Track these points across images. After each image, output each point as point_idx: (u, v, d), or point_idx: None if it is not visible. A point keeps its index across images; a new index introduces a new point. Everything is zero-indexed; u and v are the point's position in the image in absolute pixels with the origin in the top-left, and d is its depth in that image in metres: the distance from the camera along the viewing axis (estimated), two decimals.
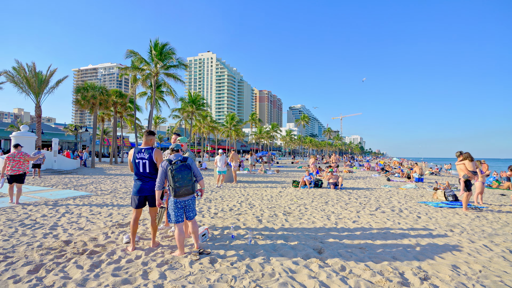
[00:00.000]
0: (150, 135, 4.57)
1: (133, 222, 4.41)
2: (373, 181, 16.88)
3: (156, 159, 4.40)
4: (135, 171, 4.41)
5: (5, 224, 5.83)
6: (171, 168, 3.94)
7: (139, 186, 4.34)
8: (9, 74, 22.73)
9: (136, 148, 4.47)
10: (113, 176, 17.33)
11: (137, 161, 4.37)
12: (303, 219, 6.71)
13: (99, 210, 7.45)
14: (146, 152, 4.40)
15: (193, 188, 4.05)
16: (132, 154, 4.42)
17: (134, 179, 4.42)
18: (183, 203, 4.12)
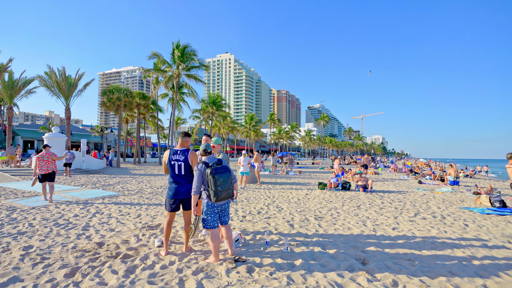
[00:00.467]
0: (186, 136, 4.42)
1: (166, 226, 4.28)
2: (403, 183, 16.16)
3: (191, 161, 4.25)
4: (170, 173, 4.28)
5: (40, 224, 5.90)
6: (211, 171, 3.76)
7: (175, 189, 4.21)
8: (42, 78, 23.71)
9: (171, 149, 4.34)
10: (137, 176, 17.60)
11: (172, 162, 4.23)
12: (337, 224, 6.39)
13: (127, 210, 7.45)
14: (182, 154, 4.25)
15: (232, 192, 3.88)
16: (167, 155, 4.29)
17: (169, 182, 4.29)
18: (220, 208, 3.95)
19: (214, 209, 3.90)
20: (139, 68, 36.91)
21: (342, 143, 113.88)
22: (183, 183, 4.22)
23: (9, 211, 7.10)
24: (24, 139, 40.74)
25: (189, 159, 4.24)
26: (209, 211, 3.90)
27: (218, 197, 3.75)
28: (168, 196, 4.27)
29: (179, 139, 4.42)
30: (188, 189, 4.22)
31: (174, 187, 4.21)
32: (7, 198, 8.94)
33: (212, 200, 3.79)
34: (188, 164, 4.24)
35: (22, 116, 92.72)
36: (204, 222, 3.95)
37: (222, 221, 4.05)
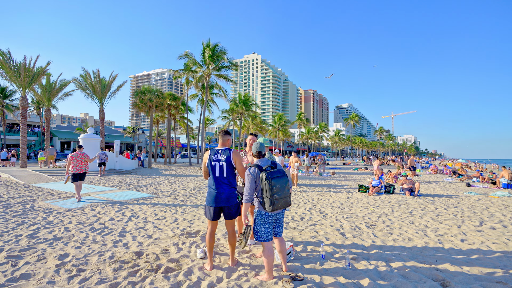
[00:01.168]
0: (226, 135, 3.90)
1: (209, 237, 3.78)
2: (450, 186, 14.81)
3: (234, 162, 3.73)
4: (211, 176, 3.77)
5: (76, 228, 5.66)
6: (266, 176, 3.21)
7: (215, 195, 3.69)
8: (78, 81, 24.54)
9: (212, 149, 3.84)
10: (169, 177, 17.55)
11: (213, 164, 3.72)
12: (394, 234, 5.62)
13: (163, 214, 7.11)
14: (223, 153, 3.74)
15: (290, 200, 3.30)
16: (208, 156, 3.79)
17: (209, 186, 3.79)
18: (274, 217, 3.39)
19: (268, 219, 3.35)
20: (169, 70, 37.51)
21: (372, 143, 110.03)
22: (224, 187, 3.70)
23: (45, 213, 6.99)
24: (61, 140, 42.79)
25: (232, 159, 3.72)
26: (262, 221, 3.35)
27: (274, 205, 3.19)
28: (208, 202, 3.76)
29: (219, 138, 3.91)
30: (230, 195, 3.71)
31: (214, 193, 3.70)
32: (44, 199, 8.97)
33: (267, 209, 3.23)
34: (230, 165, 3.72)
35: (59, 118, 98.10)
36: (256, 234, 3.41)
37: (276, 232, 3.50)
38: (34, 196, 9.45)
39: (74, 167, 8.65)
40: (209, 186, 3.79)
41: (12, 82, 20.74)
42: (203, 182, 14.93)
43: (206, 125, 51.48)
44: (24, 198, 9.01)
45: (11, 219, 6.36)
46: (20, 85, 20.83)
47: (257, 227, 3.39)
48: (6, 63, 20.04)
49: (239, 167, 3.75)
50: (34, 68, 21.37)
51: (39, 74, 21.60)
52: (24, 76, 20.51)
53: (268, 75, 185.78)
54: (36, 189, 11.13)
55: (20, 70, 20.41)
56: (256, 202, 3.42)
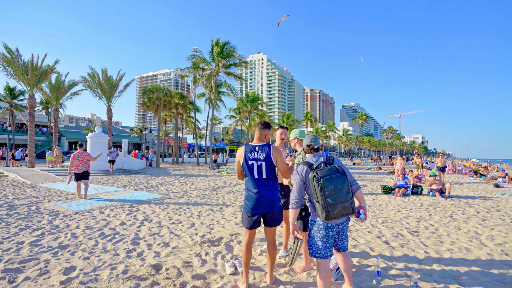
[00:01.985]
0: (265, 128, 3.22)
1: (246, 248, 3.13)
2: (476, 187, 13.93)
3: (275, 159, 3.08)
4: (248, 177, 3.13)
5: (84, 234, 5.05)
6: (316, 175, 2.54)
7: (255, 200, 3.04)
8: (85, 80, 24.15)
9: (246, 145, 3.19)
10: (179, 177, 16.98)
11: (250, 163, 3.08)
12: (446, 243, 4.88)
13: (178, 218, 6.48)
14: (262, 150, 3.09)
15: (352, 205, 2.58)
16: (243, 154, 3.13)
17: (247, 188, 3.14)
18: (336, 228, 2.70)
19: (328, 231, 2.66)
20: (177, 69, 36.84)
21: (380, 142, 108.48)
22: (266, 190, 3.06)
23: (51, 216, 6.41)
24: (69, 140, 42.65)
25: (272, 156, 3.07)
26: (319, 233, 2.67)
27: (328, 213, 2.49)
28: (246, 208, 3.11)
29: (256, 131, 3.25)
30: (273, 199, 3.06)
31: (253, 197, 3.05)
32: (50, 200, 8.42)
33: (321, 217, 2.55)
34: (271, 163, 3.08)
35: (67, 119, 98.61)
36: (311, 248, 2.73)
37: (339, 246, 2.79)
38: (40, 197, 8.91)
39: (76, 167, 8.58)
40: (247, 189, 3.14)
41: (20, 80, 20.41)
42: (215, 182, 14.31)
43: (213, 124, 51.03)
44: (29, 199, 8.47)
45: (14, 222, 5.79)
46: (28, 84, 20.49)
47: (312, 240, 2.71)
48: (14, 61, 19.71)
49: (282, 167, 3.11)
50: (42, 66, 21.02)
51: (47, 72, 21.24)
52: (32, 75, 20.16)
53: (273, 75, 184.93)
54: (43, 190, 10.62)
55: (28, 69, 20.06)
56: (310, 207, 2.76)
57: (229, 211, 7.19)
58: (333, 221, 2.62)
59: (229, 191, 11.18)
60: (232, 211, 7.18)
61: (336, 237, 2.73)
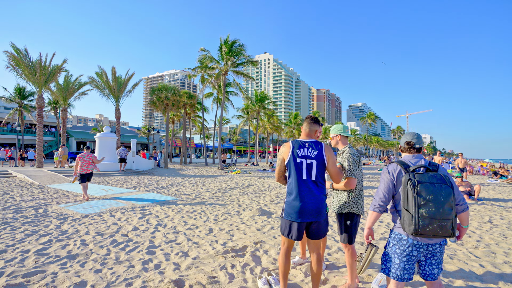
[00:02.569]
0: (315, 123, 2.77)
1: (283, 258, 2.71)
2: (501, 189, 13.24)
3: (327, 159, 2.61)
4: (293, 179, 2.64)
5: (95, 241, 4.62)
6: (411, 178, 2.01)
7: (299, 206, 2.56)
8: (93, 79, 23.91)
9: (294, 141, 2.72)
10: (188, 178, 16.59)
11: (298, 160, 2.60)
12: (498, 253, 4.32)
13: (194, 222, 6.03)
14: (313, 147, 2.63)
15: (453, 227, 1.96)
16: (289, 150, 2.66)
17: (290, 192, 2.66)
18: (424, 249, 2.13)
19: (411, 250, 2.12)
20: (185, 68, 36.56)
21: (388, 142, 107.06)
22: (313, 195, 2.58)
23: (59, 220, 6.01)
24: (77, 140, 42.70)
25: (325, 155, 2.60)
26: (398, 248, 2.16)
27: (418, 227, 1.95)
28: (287, 215, 2.64)
29: (305, 126, 2.77)
30: (320, 207, 2.59)
31: (297, 204, 2.57)
32: (59, 202, 8.04)
33: (407, 230, 2.03)
34: (322, 163, 2.61)
35: (75, 119, 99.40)
36: (385, 263, 2.24)
37: (426, 272, 2.19)
38: (48, 199, 8.56)
39: (81, 167, 8.60)
40: (289, 193, 2.67)
41: (28, 80, 20.22)
42: (226, 183, 13.86)
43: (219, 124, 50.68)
44: (37, 201, 8.11)
45: (20, 227, 5.39)
46: (36, 83, 20.30)
47: (388, 255, 2.22)
48: (22, 60, 19.53)
49: (334, 168, 2.65)
50: (50, 65, 20.82)
51: (55, 72, 21.03)
52: (40, 74, 19.95)
53: (280, 75, 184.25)
54: (51, 191, 10.29)
55: (36, 68, 19.88)
56: (394, 216, 2.26)
57: (247, 215, 6.71)
58: (423, 239, 2.09)
59: (243, 192, 10.72)
60: (250, 215, 6.70)
61: (422, 259, 2.19)
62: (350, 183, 2.99)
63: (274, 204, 8.25)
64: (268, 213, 6.90)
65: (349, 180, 2.99)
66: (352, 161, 3.04)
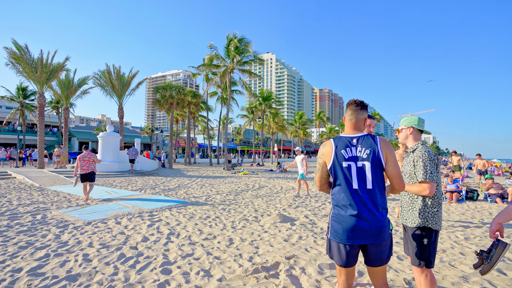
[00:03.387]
0: (363, 109, 2.11)
1: None
2: None
3: (385, 158, 1.96)
4: (340, 188, 2.00)
5: (99, 255, 3.94)
6: None
7: (352, 223, 1.92)
8: (96, 77, 23.30)
9: (337, 138, 2.07)
10: (195, 178, 15.93)
11: (345, 164, 1.96)
12: None
13: (210, 231, 5.34)
14: (363, 144, 1.99)
15: None
16: (332, 151, 2.02)
17: (337, 204, 2.02)
18: None
19: None
20: (189, 67, 36.21)
21: (392, 142, 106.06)
22: (369, 209, 1.92)
23: (59, 228, 5.35)
24: (79, 140, 42.18)
25: (382, 153, 1.95)
26: None
27: None
28: (334, 235, 1.99)
29: (349, 114, 2.11)
30: (381, 225, 1.92)
31: (350, 220, 1.93)
32: (59, 207, 7.38)
33: None
34: (379, 164, 1.95)
35: (78, 120, 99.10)
36: None
37: None
38: (48, 203, 7.91)
39: (81, 167, 8.48)
40: (336, 206, 2.02)
41: (29, 78, 19.62)
42: (235, 185, 13.18)
43: (224, 124, 50.08)
44: (35, 206, 7.46)
45: (14, 238, 4.74)
46: (37, 82, 19.69)
47: None
48: (23, 58, 18.94)
49: (395, 170, 1.98)
50: (52, 63, 20.22)
51: (57, 70, 20.42)
52: (41, 72, 19.35)
53: (282, 74, 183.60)
54: (51, 193, 9.65)
55: (37, 66, 19.28)
56: None
57: (267, 222, 6.03)
58: None
59: (256, 195, 10.04)
60: (271, 222, 6.01)
61: None
62: (427, 188, 2.32)
63: (293, 209, 7.56)
64: (291, 220, 6.22)
65: (426, 185, 2.32)
66: (429, 161, 2.37)
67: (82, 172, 8.44)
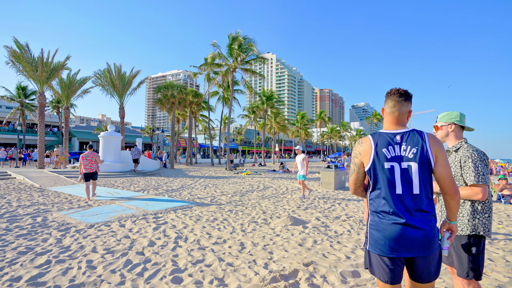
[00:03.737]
0: (407, 100, 1.80)
1: None
2: None
3: (435, 157, 1.69)
4: (381, 192, 1.73)
5: (104, 262, 3.68)
6: None
7: (396, 233, 1.65)
8: (97, 76, 23.03)
9: (377, 134, 1.80)
10: (197, 179, 15.67)
11: (388, 165, 1.70)
12: None
13: (219, 234, 5.08)
14: (409, 142, 1.72)
15: None
16: (371, 149, 1.76)
17: (376, 210, 1.75)
18: None
19: None
20: (191, 66, 35.76)
21: None
22: (417, 217, 1.66)
23: (60, 232, 5.08)
24: (80, 140, 41.92)
25: (431, 151, 1.69)
26: None
27: None
28: (374, 246, 1.72)
29: (391, 107, 1.81)
30: (430, 235, 1.65)
31: (393, 229, 1.66)
32: (60, 209, 7.12)
33: None
34: (428, 165, 1.69)
35: (78, 120, 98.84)
36: None
37: None
38: (49, 204, 7.65)
39: (84, 166, 8.52)
40: (375, 212, 1.75)
41: (29, 77, 19.36)
42: (239, 185, 12.92)
43: (224, 124, 49.80)
44: (36, 207, 7.20)
45: (13, 242, 4.48)
46: (38, 81, 19.43)
47: None
48: (23, 56, 18.68)
49: (446, 171, 1.70)
50: (52, 62, 19.96)
51: (57, 68, 20.16)
52: (41, 71, 19.09)
53: (283, 74, 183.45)
54: (52, 194, 9.39)
55: (38, 64, 19.02)
56: None
57: (278, 225, 5.77)
58: None
59: (262, 196, 9.78)
60: (282, 225, 5.76)
61: None
62: (479, 192, 2.06)
63: (303, 211, 7.30)
64: (302, 222, 5.96)
65: (479, 189, 2.06)
66: (480, 161, 2.11)
67: (85, 171, 8.50)
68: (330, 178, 11.57)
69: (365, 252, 1.81)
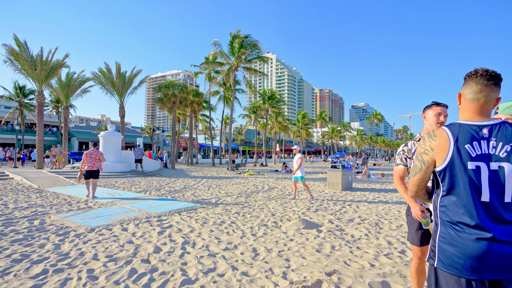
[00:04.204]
0: (496, 85, 1.41)
1: None
2: None
3: None
4: (460, 198, 1.36)
5: (107, 272, 3.34)
6: None
7: (482, 248, 1.29)
8: (96, 75, 22.69)
9: (455, 125, 1.44)
10: (199, 179, 15.34)
11: (472, 165, 1.33)
12: None
13: (229, 239, 4.75)
14: (500, 137, 1.35)
15: None
16: (448, 146, 1.39)
17: (449, 220, 1.39)
18: None
19: None
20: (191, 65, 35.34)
21: (394, 142, 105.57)
22: (506, 233, 1.29)
23: (59, 236, 4.75)
24: (79, 140, 41.57)
25: None
26: None
27: None
28: (451, 265, 1.36)
29: (475, 92, 1.43)
30: None
31: (476, 244, 1.30)
32: (59, 211, 6.78)
33: None
34: None
35: (77, 120, 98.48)
36: None
37: None
38: (47, 206, 7.31)
39: (87, 163, 8.50)
40: (449, 222, 1.40)
41: (28, 76, 19.00)
42: (243, 186, 12.58)
43: (225, 124, 49.44)
44: (33, 209, 6.86)
45: (7, 248, 4.14)
46: (36, 79, 19.08)
47: None
48: (22, 55, 18.32)
49: None
50: (51, 61, 19.61)
51: (56, 67, 19.82)
52: (40, 69, 18.75)
53: (283, 75, 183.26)
54: (51, 195, 9.05)
55: (37, 63, 18.67)
56: None
57: (290, 228, 5.43)
58: None
59: (268, 197, 9.45)
60: (294, 228, 5.42)
61: None
62: None
63: (313, 213, 6.97)
64: (315, 225, 5.63)
65: None
66: None
67: (88, 169, 8.47)
68: (337, 178, 11.24)
69: (431, 270, 1.47)
